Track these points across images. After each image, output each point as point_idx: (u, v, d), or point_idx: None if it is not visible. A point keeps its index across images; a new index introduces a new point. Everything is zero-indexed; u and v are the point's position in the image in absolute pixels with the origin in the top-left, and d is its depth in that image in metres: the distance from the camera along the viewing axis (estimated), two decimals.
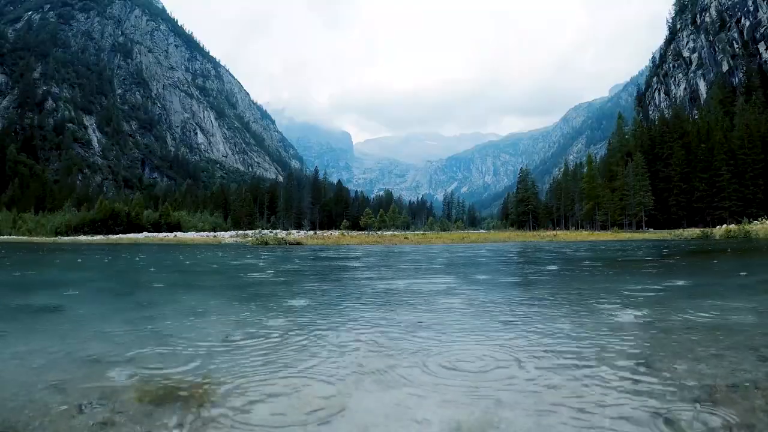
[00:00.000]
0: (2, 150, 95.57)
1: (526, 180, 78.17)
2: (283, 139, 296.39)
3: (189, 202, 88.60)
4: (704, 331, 2.37)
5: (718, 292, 3.99)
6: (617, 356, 1.90)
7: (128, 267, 9.20)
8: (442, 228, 71.31)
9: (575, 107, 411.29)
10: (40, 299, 4.26)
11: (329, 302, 3.82)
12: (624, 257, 10.09)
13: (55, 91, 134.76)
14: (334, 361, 1.93)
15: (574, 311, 3.12)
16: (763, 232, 19.17)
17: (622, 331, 2.41)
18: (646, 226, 52.82)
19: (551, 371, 1.72)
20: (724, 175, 50.12)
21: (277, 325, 2.74)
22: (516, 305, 3.42)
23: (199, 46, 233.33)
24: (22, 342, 2.37)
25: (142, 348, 2.17)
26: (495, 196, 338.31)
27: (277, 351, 2.11)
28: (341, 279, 6.15)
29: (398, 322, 2.80)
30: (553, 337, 2.31)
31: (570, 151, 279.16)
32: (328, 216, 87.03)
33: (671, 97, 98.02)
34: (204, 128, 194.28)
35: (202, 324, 2.85)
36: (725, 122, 56.54)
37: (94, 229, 52.34)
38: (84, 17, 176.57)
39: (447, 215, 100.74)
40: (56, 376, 1.75)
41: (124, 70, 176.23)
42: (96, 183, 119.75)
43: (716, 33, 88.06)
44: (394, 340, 2.32)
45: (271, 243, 21.46)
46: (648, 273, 6.18)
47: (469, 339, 2.29)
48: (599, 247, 15.09)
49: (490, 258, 10.85)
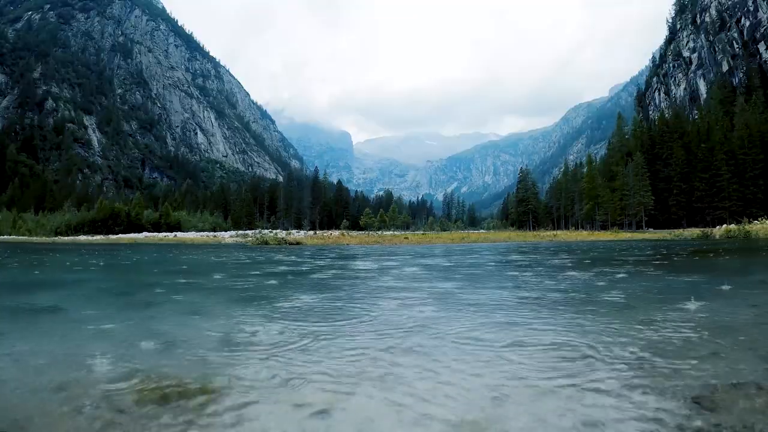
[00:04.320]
0: (2, 150, 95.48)
1: (526, 180, 78.11)
2: (283, 139, 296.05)
3: (189, 202, 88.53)
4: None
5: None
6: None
7: (128, 267, 9.20)
8: (442, 228, 71.26)
9: (575, 107, 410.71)
10: (41, 299, 4.26)
11: (329, 303, 3.82)
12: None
13: (55, 91, 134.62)
14: (334, 361, 1.93)
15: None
16: (763, 232, 19.15)
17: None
18: (646, 226, 52.77)
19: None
20: (724, 175, 50.07)
21: (276, 325, 2.74)
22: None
23: (199, 46, 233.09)
24: (23, 342, 2.37)
25: (142, 348, 2.17)
26: (495, 196, 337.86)
27: (276, 351, 2.11)
28: (340, 279, 6.15)
29: (397, 319, 2.80)
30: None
31: (570, 151, 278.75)
32: (328, 216, 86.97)
33: (671, 97, 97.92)
34: (204, 128, 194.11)
35: (202, 324, 2.85)
36: (725, 122, 56.46)
37: (94, 229, 52.29)
38: (84, 17, 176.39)
39: (447, 215, 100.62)
40: (56, 376, 1.75)
41: (124, 70, 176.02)
42: (96, 183, 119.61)
43: (716, 33, 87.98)
44: (393, 339, 2.32)
45: (271, 243, 21.44)
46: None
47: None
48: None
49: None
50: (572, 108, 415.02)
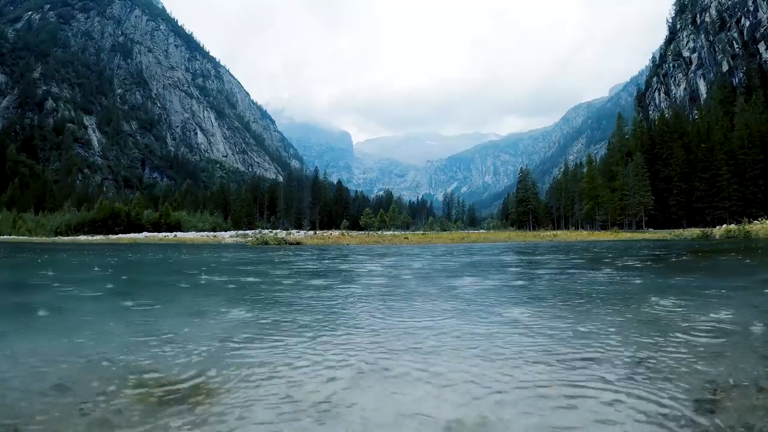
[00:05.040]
0: (2, 150, 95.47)
1: (526, 180, 78.12)
2: (283, 139, 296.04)
3: (189, 202, 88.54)
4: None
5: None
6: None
7: (128, 267, 9.20)
8: (442, 228, 71.27)
9: (575, 107, 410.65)
10: (41, 299, 4.26)
11: (329, 303, 3.82)
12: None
13: (55, 91, 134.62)
14: (334, 361, 1.93)
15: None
16: (763, 232, 19.15)
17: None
18: (646, 226, 52.77)
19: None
20: (724, 175, 50.07)
21: (276, 325, 2.74)
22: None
23: (199, 46, 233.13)
24: (23, 342, 2.37)
25: (142, 348, 2.17)
26: (495, 196, 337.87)
27: (276, 351, 2.11)
28: (340, 280, 6.15)
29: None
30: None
31: (570, 151, 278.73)
32: (328, 216, 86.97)
33: (671, 97, 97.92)
34: (204, 128, 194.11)
35: (202, 324, 2.85)
36: (725, 122, 56.45)
37: (94, 229, 52.29)
38: (84, 17, 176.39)
39: (447, 215, 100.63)
40: (57, 376, 1.75)
41: (124, 70, 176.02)
42: (96, 183, 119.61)
43: (716, 33, 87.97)
44: (392, 340, 2.33)
45: (271, 243, 21.44)
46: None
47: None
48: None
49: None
50: (572, 108, 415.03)
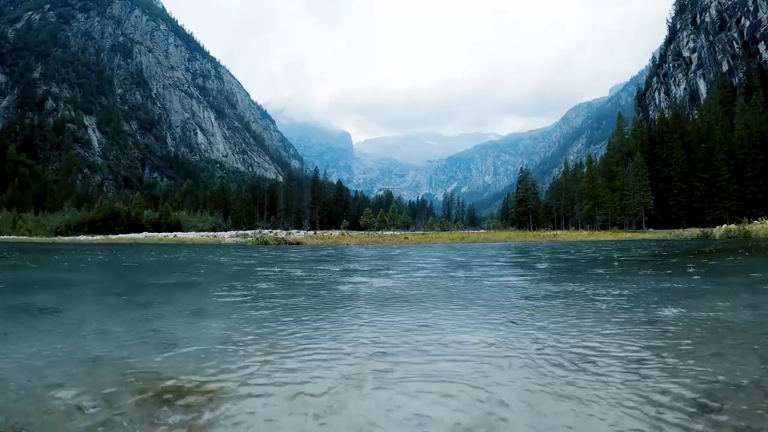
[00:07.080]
0: (2, 150, 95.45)
1: (526, 180, 78.12)
2: (283, 139, 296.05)
3: (189, 202, 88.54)
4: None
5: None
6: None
7: (128, 267, 9.20)
8: (442, 228, 71.29)
9: (575, 107, 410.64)
10: (41, 299, 4.26)
11: (329, 303, 3.82)
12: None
13: (55, 91, 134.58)
14: (334, 361, 1.93)
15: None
16: (763, 232, 19.14)
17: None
18: (646, 226, 52.78)
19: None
20: (724, 175, 50.07)
21: (276, 325, 2.74)
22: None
23: (199, 46, 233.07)
24: (23, 342, 2.37)
25: (142, 348, 2.17)
26: (495, 196, 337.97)
27: (276, 351, 2.11)
28: (340, 279, 6.14)
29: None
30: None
31: (570, 151, 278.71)
32: (328, 216, 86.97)
33: (671, 97, 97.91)
34: (204, 128, 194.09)
35: (202, 324, 2.85)
36: (725, 122, 56.45)
37: (94, 229, 52.27)
38: (84, 17, 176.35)
39: (447, 215, 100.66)
40: (57, 376, 1.75)
41: (124, 70, 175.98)
42: (96, 183, 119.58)
43: (716, 33, 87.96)
44: (393, 340, 2.32)
45: (271, 243, 21.43)
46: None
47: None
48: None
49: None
50: (572, 108, 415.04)
